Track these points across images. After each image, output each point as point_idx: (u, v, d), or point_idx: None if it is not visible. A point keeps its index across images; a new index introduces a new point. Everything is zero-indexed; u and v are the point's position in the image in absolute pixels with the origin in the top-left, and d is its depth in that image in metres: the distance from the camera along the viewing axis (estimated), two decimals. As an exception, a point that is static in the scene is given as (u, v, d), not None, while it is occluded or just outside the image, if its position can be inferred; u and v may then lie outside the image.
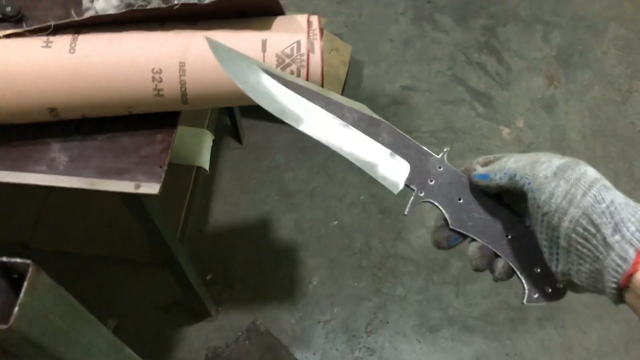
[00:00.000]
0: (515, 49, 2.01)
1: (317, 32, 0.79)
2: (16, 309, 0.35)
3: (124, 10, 0.81)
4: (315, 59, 0.78)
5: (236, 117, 1.68)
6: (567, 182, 0.45)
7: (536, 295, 0.53)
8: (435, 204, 0.55)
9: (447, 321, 1.49)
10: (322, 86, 0.82)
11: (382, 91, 1.89)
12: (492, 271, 0.54)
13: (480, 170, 0.54)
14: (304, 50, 0.77)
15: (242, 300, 1.52)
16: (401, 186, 0.55)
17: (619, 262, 0.41)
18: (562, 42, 2.04)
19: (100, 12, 0.88)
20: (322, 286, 1.54)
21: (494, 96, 1.90)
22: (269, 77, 0.57)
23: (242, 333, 1.47)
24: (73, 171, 0.81)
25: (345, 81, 1.86)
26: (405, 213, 0.56)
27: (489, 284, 1.54)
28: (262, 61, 0.77)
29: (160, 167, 0.82)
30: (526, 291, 0.53)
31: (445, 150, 0.56)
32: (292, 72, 0.77)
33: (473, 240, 0.54)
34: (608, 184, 0.45)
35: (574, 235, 0.44)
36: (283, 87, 0.56)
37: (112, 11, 0.87)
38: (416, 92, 1.88)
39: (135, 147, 0.83)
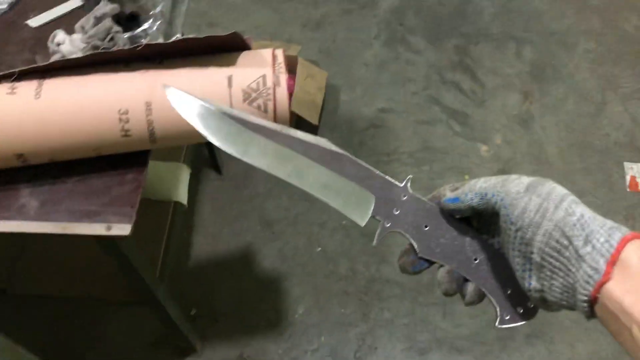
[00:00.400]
0: (489, 66, 2.04)
1: (283, 65, 0.79)
2: None
3: (88, 53, 0.81)
4: (282, 92, 0.78)
5: (215, 148, 1.68)
6: (539, 196, 0.46)
7: (508, 317, 0.53)
8: (402, 232, 0.55)
9: (436, 343, 1.48)
10: (291, 118, 0.83)
11: (359, 115, 1.90)
12: (463, 295, 0.54)
13: (449, 194, 0.54)
14: (270, 84, 0.78)
15: (228, 333, 1.50)
16: (367, 218, 0.55)
17: (590, 272, 0.42)
18: (535, 57, 2.07)
19: (67, 56, 0.88)
20: (309, 315, 1.53)
21: (470, 114, 1.91)
22: (228, 119, 0.57)
23: (229, 367, 1.45)
24: (43, 216, 0.80)
25: (323, 107, 1.87)
26: (374, 244, 0.56)
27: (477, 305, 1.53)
28: (229, 97, 0.77)
29: (132, 207, 0.81)
30: (498, 314, 0.53)
31: (407, 178, 0.55)
32: (259, 106, 0.78)
33: (441, 265, 0.54)
34: (576, 198, 0.46)
35: (547, 249, 0.45)
36: (243, 128, 0.56)
37: (78, 54, 0.87)
38: (393, 114, 1.89)
39: (105, 188, 0.83)
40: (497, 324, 0.53)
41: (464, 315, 1.52)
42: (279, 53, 0.80)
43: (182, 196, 1.31)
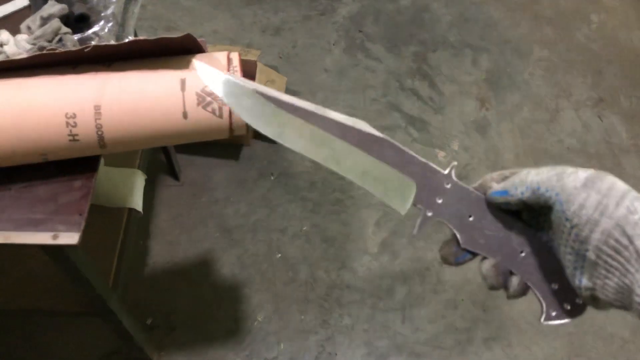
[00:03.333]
0: (447, 73, 2.06)
1: (238, 68, 0.78)
2: None
3: (34, 54, 0.78)
4: (237, 96, 0.76)
5: (171, 154, 1.65)
6: (599, 193, 0.43)
7: (554, 313, 0.51)
8: (445, 222, 0.52)
9: (395, 349, 1.48)
10: (247, 125, 0.81)
11: (319, 121, 1.89)
12: (507, 288, 0.52)
13: (496, 186, 0.51)
14: (224, 87, 0.76)
15: (186, 343, 1.47)
16: (408, 206, 0.52)
17: None
18: (491, 65, 2.10)
19: (11, 57, 0.84)
20: (268, 322, 1.51)
21: (428, 121, 1.93)
22: (263, 98, 0.53)
23: (186, 378, 1.41)
24: (-15, 225, 0.77)
25: (282, 112, 1.86)
26: (414, 233, 0.54)
27: (434, 308, 1.55)
28: (182, 100, 0.75)
29: (80, 214, 0.78)
30: (544, 309, 0.51)
31: (452, 165, 0.52)
32: (213, 111, 0.76)
33: (484, 257, 0.52)
34: (638, 194, 0.43)
35: (604, 247, 0.42)
36: (278, 108, 0.53)
37: (23, 55, 0.84)
38: (353, 120, 1.89)
39: (52, 195, 0.80)
40: (542, 319, 0.51)
41: (423, 321, 1.53)
42: (235, 56, 0.79)
43: (137, 203, 1.27)
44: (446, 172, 0.52)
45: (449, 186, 0.52)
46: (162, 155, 1.68)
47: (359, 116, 0.51)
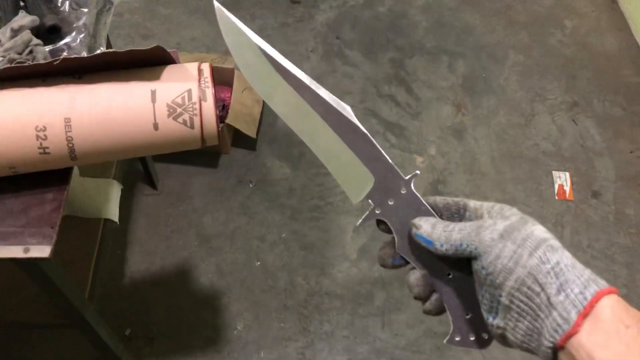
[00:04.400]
0: (423, 79, 2.08)
1: (209, 79, 0.78)
2: None
3: (3, 67, 0.77)
4: (208, 106, 0.77)
5: (148, 162, 1.64)
6: (514, 243, 0.45)
7: (458, 339, 0.53)
8: (388, 224, 0.54)
9: (375, 354, 1.49)
10: (219, 136, 0.81)
11: (297, 127, 1.90)
12: (424, 302, 0.54)
13: (423, 231, 0.51)
14: (195, 98, 0.76)
15: (164, 353, 1.46)
16: (361, 198, 0.55)
17: (560, 322, 0.42)
18: (467, 71, 2.13)
19: (-20, 69, 0.84)
20: (248, 331, 1.51)
21: (405, 126, 1.95)
22: (265, 59, 0.55)
23: (165, 388, 1.40)
24: (-46, 238, 0.76)
25: (261, 120, 1.86)
26: (357, 224, 0.60)
27: (413, 313, 1.56)
28: (152, 111, 0.75)
29: (52, 227, 0.77)
30: (450, 332, 0.53)
31: (414, 173, 0.54)
32: (184, 122, 0.76)
33: (413, 268, 0.54)
34: (556, 243, 0.46)
35: (517, 294, 0.44)
36: (275, 71, 0.55)
37: (-8, 67, 0.83)
38: (331, 126, 1.90)
39: (23, 208, 0.79)
40: (445, 340, 0.53)
41: (402, 325, 1.54)
42: (205, 67, 0.79)
43: (113, 213, 1.27)
44: (407, 177, 0.54)
45: (404, 192, 0.54)
46: (140, 164, 1.67)
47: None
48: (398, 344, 1.51)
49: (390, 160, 0.54)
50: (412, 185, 0.54)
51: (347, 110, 0.55)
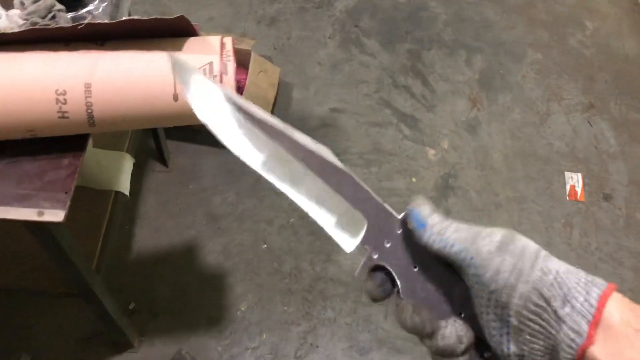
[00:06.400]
0: (440, 72, 2.07)
1: (231, 53, 0.78)
2: None
3: (27, 29, 0.77)
4: (229, 80, 0.76)
5: (161, 139, 1.64)
6: (513, 256, 0.43)
7: None
8: (389, 268, 0.49)
9: (377, 343, 1.49)
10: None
11: (311, 113, 1.90)
12: (431, 335, 0.48)
13: (421, 210, 0.48)
14: (216, 71, 0.76)
15: (167, 329, 1.46)
16: (355, 245, 0.50)
17: (573, 336, 0.40)
18: (484, 66, 2.11)
19: (2, 31, 0.84)
20: (251, 312, 1.51)
21: (419, 118, 1.94)
22: (230, 105, 0.50)
23: (166, 364, 1.41)
24: (-31, 198, 0.76)
25: (274, 103, 1.86)
26: (356, 275, 0.51)
27: (418, 304, 1.55)
28: (173, 82, 0.75)
29: (66, 193, 0.78)
30: None
31: (406, 211, 0.50)
32: (205, 94, 0.76)
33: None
34: (547, 252, 0.44)
35: (525, 312, 0.42)
36: (243, 118, 0.50)
37: (15, 30, 0.83)
38: (345, 114, 1.89)
39: (38, 172, 0.79)
40: None
41: (406, 316, 1.53)
42: (228, 41, 0.79)
43: (124, 186, 1.27)
44: (400, 216, 0.50)
45: (399, 232, 0.49)
46: (152, 141, 1.67)
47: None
48: (400, 335, 1.50)
49: (379, 200, 0.50)
50: (406, 223, 0.49)
51: (327, 153, 0.51)
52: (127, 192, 1.28)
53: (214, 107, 0.50)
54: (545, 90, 2.07)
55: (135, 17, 0.73)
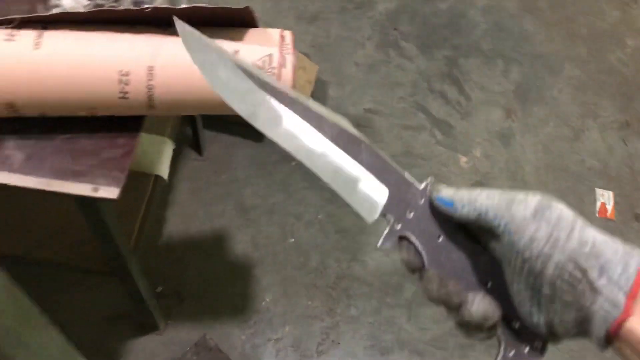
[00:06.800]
0: (476, 80, 2.07)
1: (290, 46, 0.79)
2: None
3: (94, 9, 0.79)
4: (287, 73, 0.78)
5: (198, 128, 1.66)
6: (549, 224, 0.41)
7: (512, 354, 0.47)
8: (412, 239, 0.48)
9: (398, 344, 1.50)
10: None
11: (345, 113, 1.91)
12: (461, 310, 0.47)
13: (445, 193, 0.48)
14: (275, 63, 0.78)
15: (192, 314, 1.49)
16: (377, 214, 0.48)
17: (609, 308, 0.39)
18: (521, 77, 2.11)
19: (69, 10, 0.86)
20: (275, 304, 1.53)
21: (453, 125, 1.94)
22: (242, 74, 0.49)
23: (190, 348, 1.43)
24: (28, 170, 0.78)
25: (310, 100, 1.87)
26: (378, 246, 0.49)
27: (440, 310, 1.55)
28: (233, 71, 0.76)
29: (121, 171, 0.80)
30: (502, 349, 0.47)
31: (428, 180, 0.49)
32: (262, 85, 0.77)
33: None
34: (584, 221, 0.42)
35: (559, 283, 0.41)
36: (257, 87, 0.49)
37: (81, 10, 0.86)
38: (379, 116, 1.90)
39: (95, 149, 0.81)
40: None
41: (429, 320, 1.54)
42: (287, 34, 0.80)
43: (164, 171, 1.29)
44: (421, 187, 0.49)
45: (422, 202, 0.49)
46: (189, 129, 1.70)
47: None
48: (422, 338, 1.51)
49: (400, 169, 0.49)
50: (428, 193, 0.49)
51: (344, 122, 0.50)
52: (165, 177, 1.30)
53: (224, 74, 0.49)
54: (581, 106, 2.06)
55: (203, 4, 0.74)
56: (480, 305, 0.45)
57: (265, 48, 0.78)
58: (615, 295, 0.39)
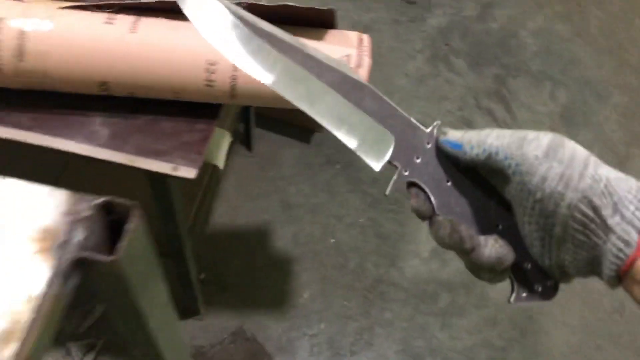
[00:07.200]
0: (523, 100, 2.09)
1: (367, 49, 0.84)
2: (124, 242, 0.37)
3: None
4: (363, 74, 0.82)
5: (250, 126, 1.72)
6: (561, 163, 0.41)
7: (525, 294, 0.47)
8: (421, 184, 0.48)
9: (430, 352, 1.52)
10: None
11: (392, 121, 1.94)
12: (473, 254, 0.45)
13: (451, 135, 0.48)
14: (353, 64, 0.82)
15: (232, 303, 1.53)
16: (383, 161, 0.48)
17: (621, 245, 0.38)
18: (568, 101, 2.12)
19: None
20: (313, 301, 1.56)
21: (498, 142, 1.96)
22: (237, 20, 0.48)
23: (227, 336, 1.48)
24: (113, 146, 0.84)
25: (358, 107, 1.91)
26: (387, 193, 0.49)
27: (474, 322, 1.58)
28: (313, 68, 0.81)
29: (199, 154, 0.85)
30: (515, 289, 0.47)
31: (436, 123, 0.49)
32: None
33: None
34: (597, 158, 0.42)
35: (571, 222, 0.40)
36: (251, 34, 0.47)
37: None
38: (425, 127, 1.93)
39: (175, 132, 0.87)
40: (512, 300, 0.48)
41: (462, 331, 1.56)
42: (366, 38, 0.85)
43: (221, 161, 1.34)
44: (428, 130, 0.49)
45: (429, 146, 0.49)
46: (241, 126, 1.75)
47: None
48: (454, 347, 1.53)
49: (405, 114, 0.49)
50: (435, 135, 0.49)
51: (345, 67, 0.49)
52: (221, 166, 1.35)
53: (216, 22, 0.48)
54: (627, 134, 2.06)
55: (292, 4, 0.79)
56: (493, 249, 0.45)
57: (344, 48, 0.82)
58: (628, 233, 0.38)
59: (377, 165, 0.48)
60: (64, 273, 0.35)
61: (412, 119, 0.49)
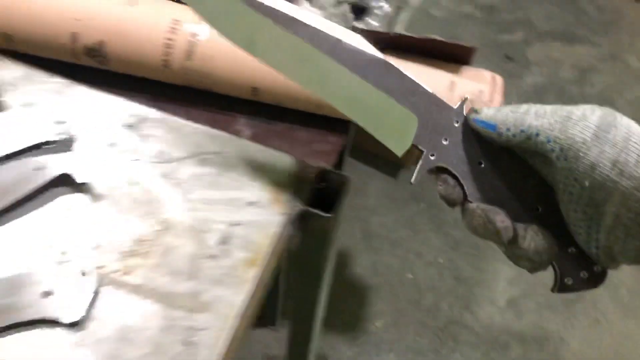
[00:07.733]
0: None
1: (500, 88, 0.89)
2: (340, 204, 0.43)
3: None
4: (493, 109, 0.87)
5: (344, 153, 1.79)
6: (615, 146, 0.36)
7: (570, 282, 0.43)
8: (450, 169, 0.44)
9: (496, 401, 1.51)
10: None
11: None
12: (515, 239, 0.42)
13: (485, 114, 0.42)
14: (485, 99, 0.87)
15: (307, 320, 1.58)
16: (407, 146, 0.44)
17: None
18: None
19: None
20: (385, 331, 1.59)
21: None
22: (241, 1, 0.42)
23: (299, 350, 1.52)
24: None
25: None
26: (412, 182, 0.45)
27: (544, 378, 1.56)
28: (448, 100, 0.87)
29: (328, 163, 0.91)
30: (558, 277, 0.43)
31: (464, 98, 0.44)
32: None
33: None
34: None
35: (623, 211, 0.36)
36: (249, 9, 0.42)
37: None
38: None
39: (308, 141, 0.93)
40: (555, 290, 0.44)
41: (531, 385, 1.55)
42: (498, 78, 0.90)
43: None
44: (456, 106, 0.44)
45: (457, 124, 0.44)
46: (335, 151, 1.83)
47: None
48: (522, 399, 1.52)
49: (429, 90, 0.44)
50: (464, 112, 0.44)
51: (359, 40, 0.43)
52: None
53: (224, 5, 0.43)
54: None
55: (436, 37, 0.86)
56: (532, 242, 0.41)
57: (478, 84, 0.88)
58: None
59: (400, 151, 0.44)
60: (292, 221, 0.41)
61: (437, 96, 0.44)
